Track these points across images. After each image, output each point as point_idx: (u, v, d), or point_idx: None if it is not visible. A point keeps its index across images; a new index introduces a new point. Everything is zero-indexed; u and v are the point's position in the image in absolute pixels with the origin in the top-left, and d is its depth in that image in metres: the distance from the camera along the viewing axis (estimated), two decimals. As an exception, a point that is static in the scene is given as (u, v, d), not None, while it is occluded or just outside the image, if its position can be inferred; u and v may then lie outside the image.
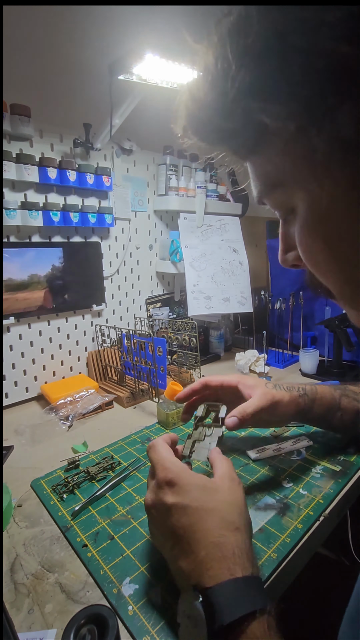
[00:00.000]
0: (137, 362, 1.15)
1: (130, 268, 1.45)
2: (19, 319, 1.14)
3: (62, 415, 1.06)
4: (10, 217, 1.05)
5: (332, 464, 0.82)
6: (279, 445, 0.88)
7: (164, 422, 1.00)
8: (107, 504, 0.72)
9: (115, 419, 1.09)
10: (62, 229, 1.22)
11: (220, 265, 1.50)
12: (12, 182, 1.07)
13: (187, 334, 1.29)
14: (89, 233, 1.29)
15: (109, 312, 1.40)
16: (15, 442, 0.96)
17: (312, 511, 0.68)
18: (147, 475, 0.80)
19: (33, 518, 0.70)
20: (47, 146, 1.14)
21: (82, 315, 1.31)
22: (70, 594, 0.55)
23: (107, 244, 1.35)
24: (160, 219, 1.53)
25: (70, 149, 1.19)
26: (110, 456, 0.86)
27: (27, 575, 0.58)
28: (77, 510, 0.69)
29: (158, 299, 1.57)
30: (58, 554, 0.62)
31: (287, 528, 0.65)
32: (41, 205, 1.11)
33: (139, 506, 0.72)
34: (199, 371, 1.24)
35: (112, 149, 1.31)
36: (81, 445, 0.93)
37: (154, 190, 1.48)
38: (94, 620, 0.46)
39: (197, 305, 1.44)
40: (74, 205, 1.19)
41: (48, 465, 0.86)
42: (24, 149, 1.09)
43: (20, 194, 1.10)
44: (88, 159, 1.24)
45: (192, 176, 1.50)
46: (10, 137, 1.06)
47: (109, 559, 0.60)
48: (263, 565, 0.58)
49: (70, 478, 0.78)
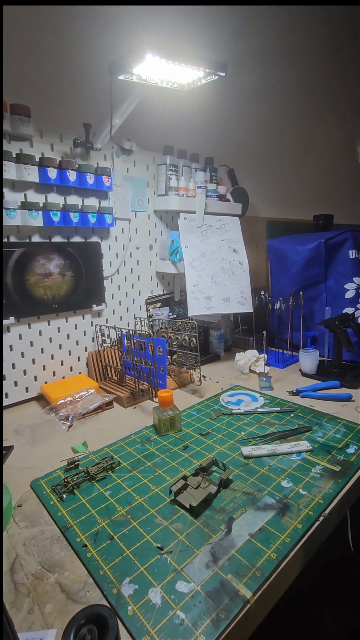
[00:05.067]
0: (137, 362, 1.15)
1: (130, 268, 1.45)
2: (19, 319, 1.14)
3: (62, 415, 1.06)
4: (10, 217, 1.05)
5: (332, 464, 0.82)
6: (275, 447, 0.88)
7: (157, 428, 1.00)
8: (107, 504, 0.72)
9: (115, 419, 1.09)
10: (62, 229, 1.22)
11: (220, 265, 1.50)
12: (12, 182, 1.07)
13: (187, 334, 1.29)
14: (89, 233, 1.29)
15: (109, 312, 1.40)
16: (15, 442, 0.96)
17: (312, 511, 0.68)
18: (147, 475, 0.80)
19: (33, 518, 0.70)
20: (47, 146, 1.14)
21: (82, 315, 1.31)
22: (70, 594, 0.55)
23: (107, 244, 1.35)
24: (160, 219, 1.53)
25: (70, 149, 1.19)
26: (110, 456, 0.86)
27: (27, 575, 0.58)
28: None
29: (158, 299, 1.57)
30: (58, 554, 0.62)
31: (287, 528, 0.65)
32: (41, 205, 1.11)
33: (139, 506, 0.72)
34: (199, 371, 1.24)
35: (112, 149, 1.31)
36: (81, 445, 0.93)
37: (154, 190, 1.48)
38: (94, 620, 0.46)
39: (197, 305, 1.44)
40: (74, 206, 1.19)
41: (48, 465, 0.86)
42: (24, 149, 1.09)
43: (20, 194, 1.10)
44: (88, 159, 1.24)
45: (192, 176, 1.50)
46: (10, 137, 1.06)
47: (108, 559, 0.60)
48: (263, 565, 0.58)
49: (70, 478, 0.78)
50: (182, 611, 0.51)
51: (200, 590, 0.54)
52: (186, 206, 1.46)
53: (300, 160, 2.35)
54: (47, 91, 1.16)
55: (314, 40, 2.13)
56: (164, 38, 0.90)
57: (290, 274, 1.56)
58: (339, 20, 2.23)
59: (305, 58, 2.11)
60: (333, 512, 0.70)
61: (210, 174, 1.53)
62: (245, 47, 1.73)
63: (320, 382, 1.26)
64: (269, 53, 1.87)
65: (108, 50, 1.23)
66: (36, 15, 1.09)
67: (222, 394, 1.22)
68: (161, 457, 0.87)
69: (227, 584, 0.55)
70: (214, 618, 0.50)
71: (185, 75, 1.07)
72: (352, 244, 1.41)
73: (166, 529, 0.66)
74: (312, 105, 2.28)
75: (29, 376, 1.20)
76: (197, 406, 1.14)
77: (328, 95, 2.38)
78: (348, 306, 1.43)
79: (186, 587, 0.55)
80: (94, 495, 0.75)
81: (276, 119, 2.06)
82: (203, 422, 1.04)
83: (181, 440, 0.95)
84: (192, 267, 1.44)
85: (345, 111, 2.57)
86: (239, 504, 0.71)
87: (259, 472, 0.81)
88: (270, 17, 1.81)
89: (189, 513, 0.69)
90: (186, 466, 0.84)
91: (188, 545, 0.62)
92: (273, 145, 2.10)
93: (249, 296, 1.53)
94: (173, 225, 1.56)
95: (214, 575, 0.57)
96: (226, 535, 0.64)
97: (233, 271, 1.53)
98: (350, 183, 2.81)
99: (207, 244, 1.50)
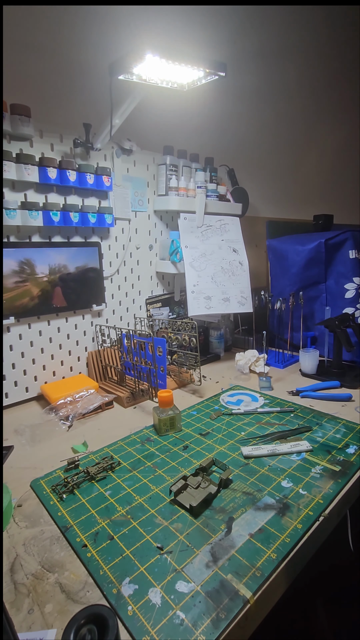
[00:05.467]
0: (137, 362, 1.15)
1: (130, 268, 1.45)
2: (19, 319, 1.14)
3: (62, 415, 1.06)
4: (10, 217, 1.05)
5: (332, 464, 0.82)
6: (275, 447, 0.88)
7: (157, 428, 1.00)
8: (107, 504, 0.72)
9: (115, 419, 1.09)
10: (62, 229, 1.22)
11: (220, 265, 1.50)
12: (12, 182, 1.07)
13: (187, 334, 1.29)
14: (89, 233, 1.29)
15: (109, 312, 1.40)
16: (15, 442, 0.96)
17: (311, 511, 0.68)
18: (147, 475, 0.80)
19: (33, 518, 0.70)
20: (47, 146, 1.14)
21: (82, 315, 1.31)
22: (70, 594, 0.55)
23: (107, 244, 1.35)
24: (160, 219, 1.53)
25: (70, 149, 1.19)
26: (110, 456, 0.86)
27: (27, 575, 0.58)
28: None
29: (158, 299, 1.57)
30: (58, 554, 0.62)
31: (286, 528, 0.65)
32: (41, 205, 1.11)
33: (138, 506, 0.72)
34: (199, 371, 1.24)
35: (112, 149, 1.31)
36: (81, 445, 0.93)
37: (154, 190, 1.48)
38: (94, 620, 0.46)
39: (197, 305, 1.44)
40: (74, 205, 1.19)
41: (48, 465, 0.86)
42: (24, 149, 1.09)
43: (20, 194, 1.10)
44: (88, 159, 1.24)
45: (192, 176, 1.50)
46: (10, 137, 1.06)
47: (108, 559, 0.60)
48: (263, 565, 0.58)
49: (70, 478, 0.78)
50: (182, 611, 0.51)
51: (200, 590, 0.54)
52: (186, 206, 1.46)
53: (300, 160, 2.35)
54: (47, 91, 1.16)
55: (314, 40, 2.12)
56: (164, 38, 0.90)
57: (290, 274, 1.56)
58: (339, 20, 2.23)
59: (306, 58, 2.11)
60: (333, 512, 0.70)
61: (210, 174, 1.53)
62: (245, 47, 1.73)
63: (320, 382, 1.26)
64: (269, 53, 1.87)
65: (108, 50, 1.23)
66: (36, 15, 1.09)
67: (222, 394, 1.22)
68: (161, 457, 0.87)
69: (227, 584, 0.55)
70: (214, 618, 0.50)
71: (185, 75, 1.07)
72: (352, 244, 1.41)
73: (166, 529, 0.66)
74: (312, 105, 2.28)
75: (29, 376, 1.20)
76: (197, 406, 1.14)
77: (328, 95, 2.38)
78: (348, 306, 1.43)
79: (186, 587, 0.55)
80: (94, 495, 0.75)
81: (276, 119, 2.06)
82: (203, 422, 1.04)
83: (181, 440, 0.95)
84: (192, 267, 1.44)
85: (346, 111, 2.56)
86: (239, 504, 0.71)
87: (259, 472, 0.81)
88: (270, 17, 1.81)
89: (189, 513, 0.69)
90: (186, 466, 0.84)
91: (188, 545, 0.62)
92: (273, 145, 2.10)
93: (249, 296, 1.53)
94: (173, 225, 1.56)
95: (214, 575, 0.57)
96: (226, 535, 0.64)
97: (233, 271, 1.53)
98: (351, 183, 2.81)
99: (207, 244, 1.50)
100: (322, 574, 1.01)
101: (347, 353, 1.37)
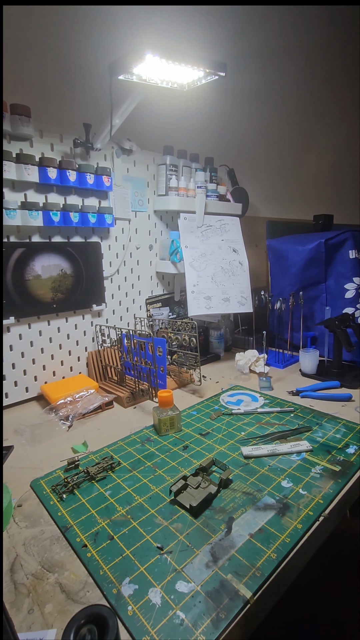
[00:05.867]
0: (137, 362, 1.15)
1: (130, 268, 1.45)
2: (19, 319, 1.14)
3: (62, 415, 1.06)
4: (10, 217, 1.05)
5: (332, 464, 0.82)
6: (275, 447, 0.88)
7: (157, 428, 1.00)
8: (107, 504, 0.72)
9: (115, 419, 1.09)
10: (62, 229, 1.22)
11: (220, 265, 1.50)
12: (12, 182, 1.07)
13: (187, 334, 1.29)
14: (89, 233, 1.29)
15: (109, 312, 1.40)
16: (15, 442, 0.96)
17: (311, 511, 0.68)
18: (147, 475, 0.80)
19: (33, 518, 0.70)
20: (47, 146, 1.14)
21: (82, 315, 1.31)
22: (70, 594, 0.55)
23: (107, 244, 1.35)
24: (160, 219, 1.53)
25: (70, 149, 1.19)
26: (110, 456, 0.86)
27: (27, 575, 0.58)
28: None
29: (158, 299, 1.57)
30: (58, 554, 0.62)
31: (286, 528, 0.65)
32: (41, 205, 1.11)
33: (138, 506, 0.72)
34: (199, 371, 1.24)
35: (112, 149, 1.31)
36: (81, 445, 0.93)
37: (154, 190, 1.48)
38: (94, 620, 0.46)
39: (197, 305, 1.44)
40: (74, 205, 1.19)
41: (48, 465, 0.86)
42: (24, 149, 1.09)
43: (20, 194, 1.10)
44: (88, 159, 1.24)
45: (192, 176, 1.50)
46: (10, 137, 1.06)
47: (108, 559, 0.60)
48: (263, 565, 0.58)
49: (70, 478, 0.78)
50: (182, 611, 0.51)
51: (200, 590, 0.54)
52: (186, 206, 1.46)
53: (300, 160, 2.35)
54: (47, 91, 1.16)
55: (314, 40, 2.12)
56: (164, 38, 0.90)
57: (290, 274, 1.56)
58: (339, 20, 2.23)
59: (306, 58, 2.11)
60: (333, 512, 0.70)
61: (210, 174, 1.53)
62: (245, 47, 1.73)
63: (320, 382, 1.26)
64: (269, 53, 1.87)
65: (108, 50, 1.23)
66: (36, 15, 1.09)
67: (222, 394, 1.22)
68: (161, 457, 0.87)
69: (227, 584, 0.55)
70: (214, 618, 0.50)
71: (185, 75, 1.07)
72: (352, 244, 1.41)
73: (166, 529, 0.66)
74: (312, 105, 2.28)
75: (29, 376, 1.20)
76: (197, 406, 1.14)
77: (328, 95, 2.38)
78: (348, 306, 1.43)
79: (186, 587, 0.55)
80: (94, 495, 0.75)
81: (276, 118, 2.06)
82: (203, 422, 1.04)
83: (181, 440, 0.95)
84: (192, 267, 1.44)
85: (346, 111, 2.57)
86: (239, 504, 0.71)
87: (259, 472, 0.81)
88: (270, 17, 1.81)
89: (189, 513, 0.69)
90: (186, 466, 0.84)
91: (188, 545, 0.62)
92: (273, 145, 2.10)
93: (249, 296, 1.53)
94: (173, 225, 1.56)
95: (214, 575, 0.57)
96: (226, 535, 0.64)
97: (233, 271, 1.53)
98: (351, 183, 2.82)
99: (207, 244, 1.50)
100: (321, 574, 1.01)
101: (347, 353, 1.37)
